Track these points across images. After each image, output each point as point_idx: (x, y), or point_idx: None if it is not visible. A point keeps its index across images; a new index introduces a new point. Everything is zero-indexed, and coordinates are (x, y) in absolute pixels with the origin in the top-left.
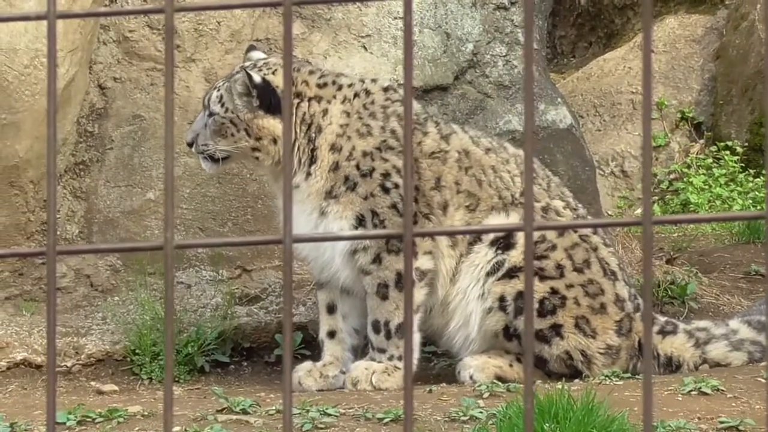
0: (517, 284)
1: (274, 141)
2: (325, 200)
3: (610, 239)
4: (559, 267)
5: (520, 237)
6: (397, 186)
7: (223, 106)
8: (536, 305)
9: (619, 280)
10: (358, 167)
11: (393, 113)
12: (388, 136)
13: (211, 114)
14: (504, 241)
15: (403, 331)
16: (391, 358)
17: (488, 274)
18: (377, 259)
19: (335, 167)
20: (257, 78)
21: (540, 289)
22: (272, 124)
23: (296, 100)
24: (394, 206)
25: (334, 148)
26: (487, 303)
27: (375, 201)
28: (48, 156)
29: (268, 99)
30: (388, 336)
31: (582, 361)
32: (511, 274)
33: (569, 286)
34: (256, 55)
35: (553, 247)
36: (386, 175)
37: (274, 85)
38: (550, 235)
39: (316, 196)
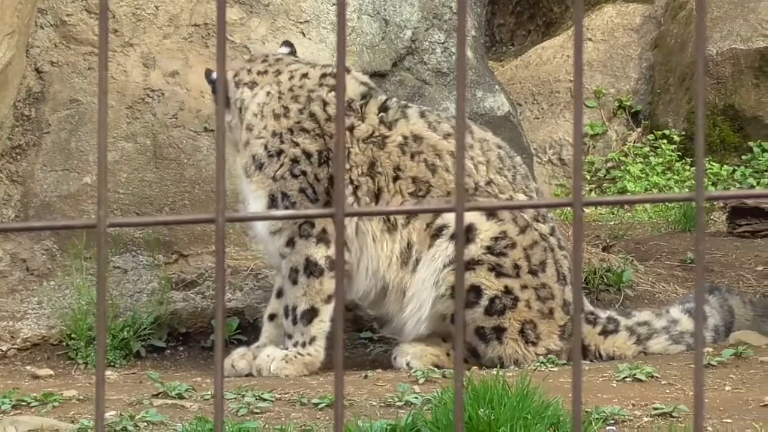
0: (472, 277)
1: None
2: (246, 178)
3: (564, 241)
4: (516, 267)
5: (479, 231)
6: (304, 173)
7: None
8: (486, 302)
9: (568, 284)
10: (266, 147)
11: (318, 98)
12: (304, 119)
13: None
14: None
15: (308, 318)
16: (296, 345)
17: (445, 266)
18: (290, 243)
19: (246, 144)
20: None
21: (494, 285)
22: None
23: (238, 88)
24: (302, 191)
25: (248, 127)
26: (440, 290)
27: (285, 183)
28: None
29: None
30: (294, 321)
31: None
32: (468, 266)
33: (524, 287)
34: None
35: (513, 245)
36: (295, 161)
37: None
38: (512, 232)
39: (242, 174)
